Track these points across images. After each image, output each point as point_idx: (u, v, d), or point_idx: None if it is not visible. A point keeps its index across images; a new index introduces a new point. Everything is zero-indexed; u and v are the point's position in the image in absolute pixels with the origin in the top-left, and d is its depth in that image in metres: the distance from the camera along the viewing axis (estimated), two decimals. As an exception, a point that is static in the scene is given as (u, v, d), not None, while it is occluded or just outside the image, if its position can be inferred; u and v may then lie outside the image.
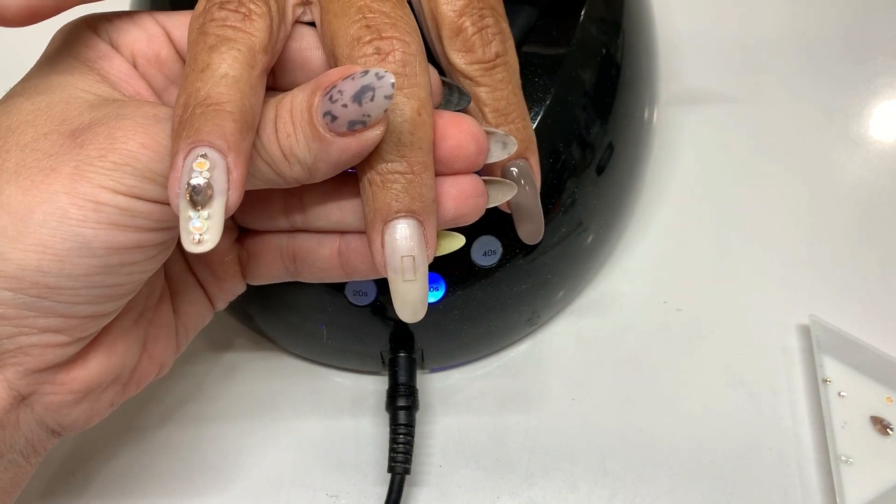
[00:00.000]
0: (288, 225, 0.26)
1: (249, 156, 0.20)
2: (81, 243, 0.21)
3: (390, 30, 0.22)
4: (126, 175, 0.21)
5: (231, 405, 0.35)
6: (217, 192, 0.19)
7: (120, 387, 0.25)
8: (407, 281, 0.23)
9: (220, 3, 0.21)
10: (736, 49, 0.48)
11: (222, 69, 0.20)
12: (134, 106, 0.22)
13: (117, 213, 0.21)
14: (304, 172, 0.22)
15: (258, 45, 0.21)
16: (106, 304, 0.22)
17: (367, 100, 0.20)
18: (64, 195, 0.20)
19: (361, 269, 0.26)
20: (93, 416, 0.25)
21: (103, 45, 0.24)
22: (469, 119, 0.23)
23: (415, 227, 0.22)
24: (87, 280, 0.21)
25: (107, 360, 0.24)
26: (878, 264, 0.39)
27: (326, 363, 0.37)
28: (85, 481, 0.33)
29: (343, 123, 0.20)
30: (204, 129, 0.19)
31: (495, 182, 0.24)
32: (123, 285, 0.22)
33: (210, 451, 0.34)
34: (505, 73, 0.25)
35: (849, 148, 0.44)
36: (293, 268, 0.27)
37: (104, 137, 0.21)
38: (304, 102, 0.21)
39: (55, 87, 0.23)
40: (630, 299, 0.39)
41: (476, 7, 0.24)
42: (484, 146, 0.23)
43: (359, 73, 0.20)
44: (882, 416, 0.34)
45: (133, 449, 0.34)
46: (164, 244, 0.23)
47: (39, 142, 0.21)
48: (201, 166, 0.19)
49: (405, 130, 0.21)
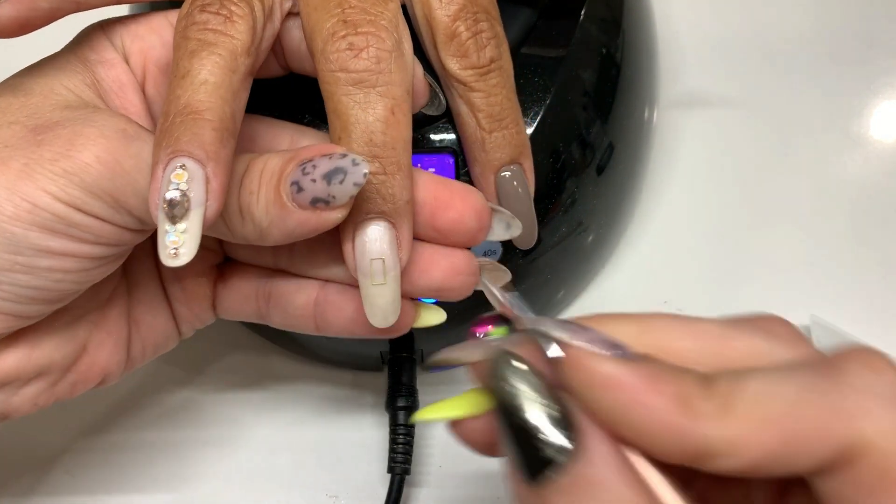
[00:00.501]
0: (272, 262, 0.26)
1: (231, 165, 0.20)
2: (8, 239, 0.20)
3: (367, 25, 0.21)
4: (72, 185, 0.20)
5: (231, 405, 0.35)
6: (194, 204, 0.19)
7: (46, 385, 0.24)
8: (376, 285, 0.22)
9: (201, 6, 0.21)
10: (736, 49, 0.48)
11: (202, 75, 0.20)
12: (106, 115, 0.22)
13: (53, 219, 0.20)
14: (254, 233, 0.21)
15: (240, 48, 0.21)
16: (28, 306, 0.22)
17: (337, 182, 0.20)
18: (3, 189, 0.20)
19: (333, 325, 0.25)
20: (10, 410, 0.23)
21: (110, 51, 0.24)
22: (477, 195, 0.23)
23: (385, 230, 0.22)
24: (9, 276, 0.21)
25: (27, 354, 0.23)
26: (878, 264, 0.39)
27: (326, 363, 0.37)
28: (86, 481, 0.33)
29: (307, 197, 0.20)
30: (183, 138, 0.19)
31: (490, 268, 0.24)
32: (50, 291, 0.22)
33: (210, 451, 0.34)
34: (499, 78, 0.24)
35: (849, 148, 0.44)
36: (265, 309, 0.26)
37: (63, 141, 0.21)
38: (277, 167, 0.21)
39: (41, 78, 0.23)
40: (630, 299, 0.39)
41: (470, 11, 0.24)
42: (486, 224, 0.23)
43: (337, 154, 0.20)
44: (882, 416, 0.34)
45: (130, 449, 0.34)
46: (102, 259, 0.22)
47: (2, 129, 0.21)
48: (179, 178, 0.19)
49: (377, 130, 0.21)
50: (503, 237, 0.24)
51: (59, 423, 0.35)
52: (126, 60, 0.24)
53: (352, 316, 0.24)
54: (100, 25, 0.24)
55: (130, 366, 0.27)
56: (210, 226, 0.20)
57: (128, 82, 0.24)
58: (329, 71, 0.22)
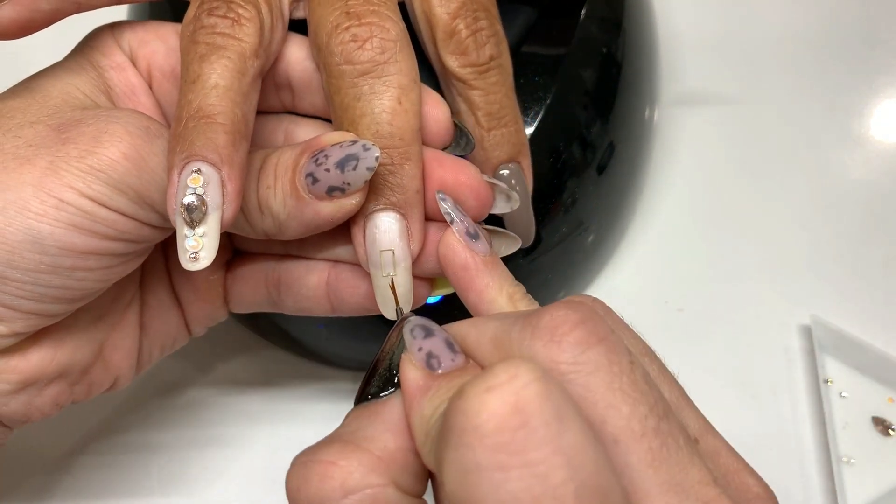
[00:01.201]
0: (281, 249, 0.26)
1: (244, 167, 0.20)
2: (34, 237, 0.20)
3: (370, 16, 0.21)
4: (98, 182, 0.20)
5: (231, 405, 0.35)
6: (212, 208, 0.19)
7: (66, 386, 0.24)
8: (387, 276, 0.22)
9: (208, 10, 0.21)
10: (736, 49, 0.48)
11: (212, 79, 0.20)
12: (129, 113, 0.22)
13: (79, 214, 0.20)
14: (273, 226, 0.22)
15: (249, 51, 0.21)
16: (52, 305, 0.22)
17: (350, 168, 0.20)
18: (30, 186, 0.20)
19: (349, 302, 0.25)
20: (32, 410, 0.24)
21: (119, 55, 0.24)
22: (469, 170, 0.23)
23: (395, 221, 0.22)
24: (35, 276, 0.21)
25: (51, 354, 0.23)
26: (879, 264, 0.39)
27: (327, 363, 0.36)
28: (86, 481, 0.33)
29: (323, 187, 0.21)
30: (196, 143, 0.19)
31: (499, 234, 0.24)
32: (74, 290, 0.22)
33: (210, 451, 0.34)
34: (499, 76, 0.24)
35: (850, 147, 0.44)
36: (277, 296, 0.26)
37: (89, 139, 0.21)
38: (291, 160, 0.21)
39: (58, 81, 0.23)
40: (631, 299, 0.38)
41: (470, 9, 0.24)
42: (486, 200, 0.23)
43: (347, 142, 0.20)
44: (883, 416, 0.34)
45: (131, 451, 0.34)
46: (123, 257, 0.22)
47: (24, 129, 0.21)
48: (195, 182, 0.19)
49: (383, 121, 0.21)
50: (504, 210, 0.24)
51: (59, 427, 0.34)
52: (134, 64, 0.24)
53: (367, 293, 0.24)
54: (109, 28, 0.24)
55: (140, 368, 0.27)
56: (228, 228, 0.20)
57: (138, 85, 0.24)
58: (335, 65, 0.22)
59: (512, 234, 0.24)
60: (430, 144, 0.23)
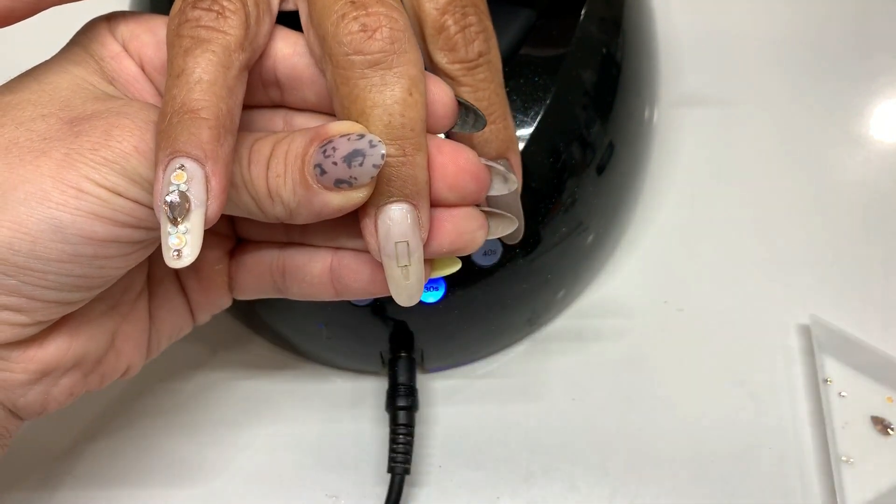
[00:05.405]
0: (285, 237, 0.26)
1: (230, 162, 0.20)
2: (56, 227, 0.20)
3: (376, 5, 0.21)
4: (113, 173, 0.21)
5: (231, 405, 0.35)
6: (195, 205, 0.19)
7: (81, 376, 0.25)
8: (402, 266, 0.22)
9: (193, 3, 0.21)
10: (736, 49, 0.48)
11: (196, 74, 0.20)
12: (137, 107, 0.22)
13: (98, 203, 0.21)
14: (284, 213, 0.22)
15: (234, 44, 0.21)
16: (72, 293, 0.22)
17: (357, 164, 0.20)
18: (49, 178, 0.20)
19: (353, 288, 0.25)
20: (49, 400, 0.24)
21: (116, 46, 0.24)
22: (467, 155, 0.23)
23: (408, 212, 0.22)
24: (57, 266, 0.21)
25: (67, 344, 0.24)
26: (879, 264, 0.39)
27: (326, 363, 0.37)
28: (85, 481, 0.33)
29: (331, 179, 0.21)
30: (180, 138, 0.19)
31: (496, 215, 0.24)
32: (93, 278, 0.22)
33: (210, 451, 0.34)
34: (487, 73, 0.24)
35: (850, 147, 0.44)
36: (282, 283, 0.26)
37: (101, 132, 0.21)
38: (300, 149, 0.21)
39: (65, 74, 0.23)
40: (630, 299, 0.39)
41: (459, 5, 0.23)
42: (484, 183, 0.23)
43: (355, 136, 0.20)
44: (883, 416, 0.34)
45: (132, 448, 0.34)
46: (140, 243, 0.22)
47: (37, 122, 0.21)
48: (179, 178, 0.19)
49: (395, 112, 0.21)
50: (502, 192, 0.24)
51: (57, 422, 0.35)
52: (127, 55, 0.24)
53: (369, 278, 0.25)
54: (104, 20, 0.24)
55: (148, 356, 0.27)
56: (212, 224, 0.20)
57: (138, 74, 0.24)
58: (342, 55, 0.21)
59: (509, 215, 0.24)
60: (437, 128, 0.23)
